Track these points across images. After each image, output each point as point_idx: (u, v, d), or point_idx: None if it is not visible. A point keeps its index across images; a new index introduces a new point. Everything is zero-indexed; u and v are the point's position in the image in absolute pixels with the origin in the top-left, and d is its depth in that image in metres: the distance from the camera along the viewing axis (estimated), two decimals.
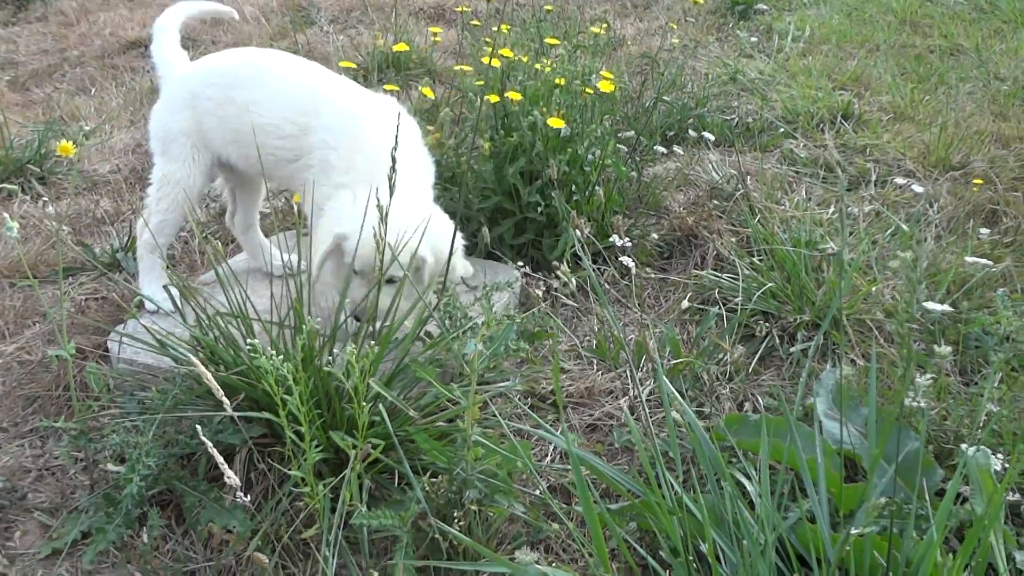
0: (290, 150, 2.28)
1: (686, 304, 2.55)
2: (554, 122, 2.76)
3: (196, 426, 1.37)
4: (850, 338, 2.39)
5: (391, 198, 1.86)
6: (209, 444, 1.32)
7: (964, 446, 1.63)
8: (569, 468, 1.96)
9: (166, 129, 2.38)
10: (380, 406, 1.68)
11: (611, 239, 2.47)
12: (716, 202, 3.18)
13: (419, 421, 1.79)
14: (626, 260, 2.45)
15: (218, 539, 1.76)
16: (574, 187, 2.86)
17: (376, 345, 1.75)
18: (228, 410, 1.37)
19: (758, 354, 2.40)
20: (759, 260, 2.72)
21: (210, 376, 1.34)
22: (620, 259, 2.49)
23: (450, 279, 2.21)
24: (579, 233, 2.14)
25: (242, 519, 1.73)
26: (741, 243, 2.90)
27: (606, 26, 4.48)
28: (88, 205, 3.32)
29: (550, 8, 4.31)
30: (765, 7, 6.18)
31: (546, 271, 2.74)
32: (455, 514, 1.64)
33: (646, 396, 2.23)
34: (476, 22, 4.41)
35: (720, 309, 2.56)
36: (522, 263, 2.67)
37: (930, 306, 2.20)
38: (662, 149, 3.58)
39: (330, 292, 2.24)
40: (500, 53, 3.06)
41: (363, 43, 5.05)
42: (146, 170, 2.44)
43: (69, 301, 2.59)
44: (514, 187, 2.79)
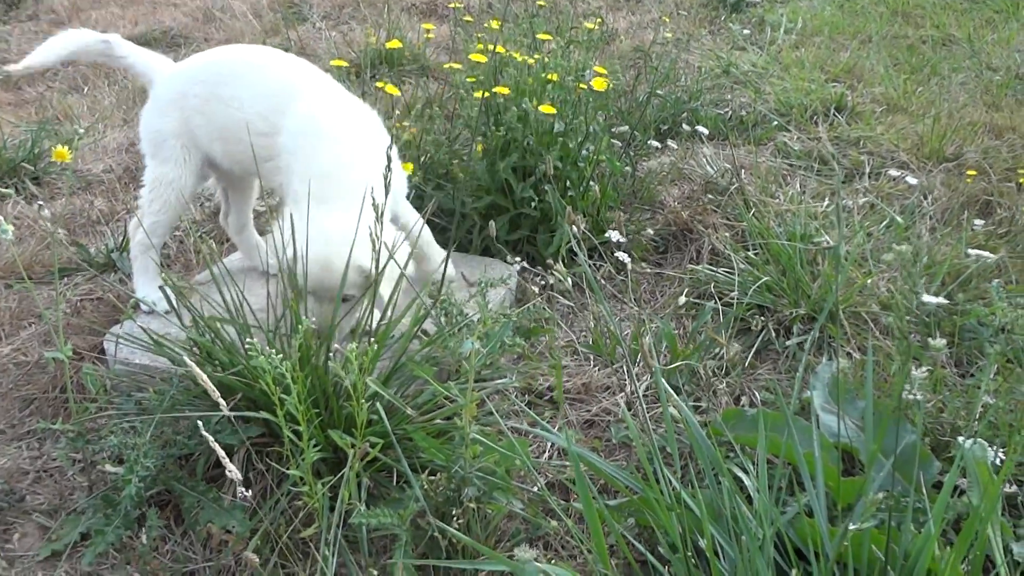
0: (264, 148, 2.20)
1: (683, 300, 2.56)
2: (545, 108, 2.74)
3: (198, 423, 1.36)
4: (846, 331, 2.40)
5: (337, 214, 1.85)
6: (211, 439, 1.32)
7: (961, 438, 1.64)
8: (567, 464, 1.96)
9: (156, 131, 2.36)
10: (378, 404, 1.68)
11: (607, 234, 2.48)
12: (711, 196, 3.18)
13: (417, 419, 1.79)
14: (622, 256, 2.45)
15: (217, 539, 1.76)
16: (568, 183, 2.86)
17: (373, 343, 1.75)
18: (225, 411, 1.37)
19: (754, 348, 2.40)
20: (754, 254, 2.72)
21: (205, 378, 1.33)
22: (616, 254, 2.49)
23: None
24: (575, 229, 2.14)
25: (241, 519, 1.73)
26: (736, 237, 2.90)
27: (599, 21, 4.47)
28: (83, 205, 3.31)
29: (543, 3, 4.29)
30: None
31: (541, 267, 2.74)
32: (454, 512, 1.64)
33: (643, 391, 2.24)
34: (469, 18, 4.40)
35: (716, 304, 2.57)
36: (519, 258, 2.67)
37: (926, 298, 2.20)
38: (656, 143, 3.58)
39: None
40: (491, 48, 3.05)
41: (356, 39, 5.03)
42: (140, 169, 2.42)
43: (64, 302, 2.59)
44: (507, 183, 2.79)
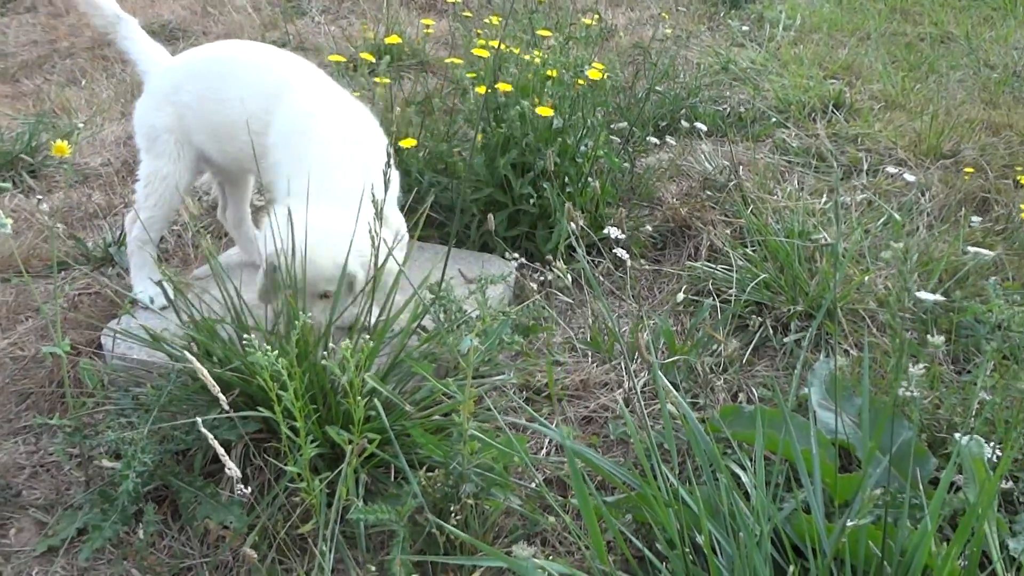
0: (257, 146, 2.18)
1: (681, 296, 2.56)
2: (543, 111, 2.75)
3: (197, 419, 1.36)
4: (843, 328, 2.40)
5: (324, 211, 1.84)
6: (210, 436, 1.31)
7: (957, 435, 1.64)
8: (565, 460, 1.97)
9: (150, 125, 2.34)
10: (376, 401, 1.68)
11: (605, 231, 2.47)
12: (709, 193, 3.18)
13: (415, 415, 1.79)
14: (620, 252, 2.45)
15: (214, 535, 1.76)
16: (567, 179, 2.86)
17: (371, 340, 1.75)
18: (225, 406, 1.37)
19: (752, 345, 2.41)
20: (752, 251, 2.72)
21: (206, 374, 1.33)
22: (614, 251, 2.49)
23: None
24: (573, 225, 2.14)
25: (238, 514, 1.73)
26: (734, 234, 2.90)
27: (597, 16, 4.47)
28: (80, 199, 3.30)
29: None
30: None
31: (540, 263, 2.74)
32: (452, 508, 1.64)
33: (641, 388, 2.24)
34: (468, 13, 4.39)
35: (714, 300, 2.57)
36: (517, 254, 2.67)
37: (922, 295, 2.21)
38: (655, 140, 3.58)
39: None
40: (491, 45, 3.05)
41: (354, 34, 5.02)
42: (137, 163, 2.41)
43: (62, 297, 2.58)
44: (506, 179, 2.78)
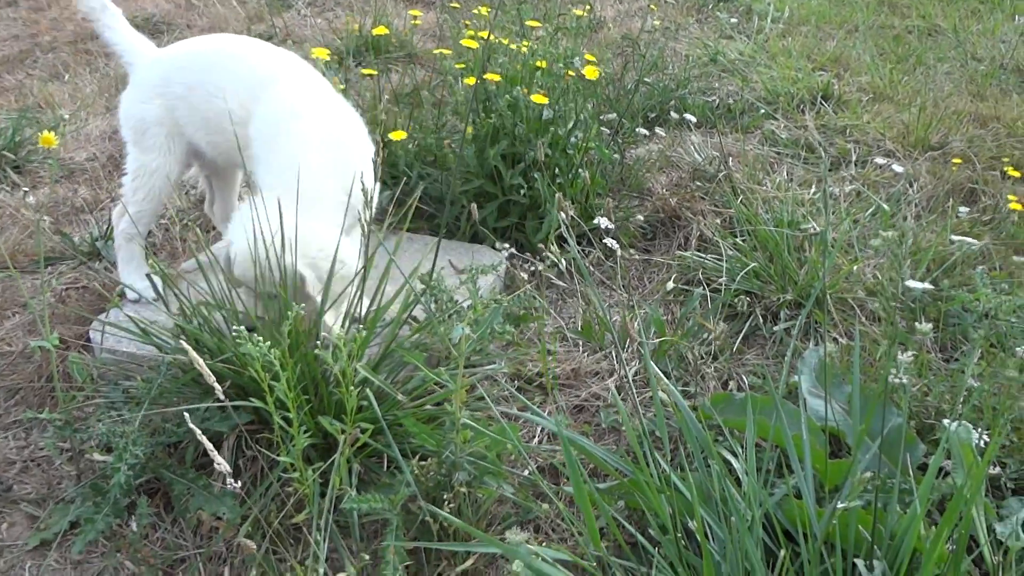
0: (242, 138, 2.17)
1: (671, 285, 2.57)
2: (537, 98, 2.74)
3: (184, 414, 1.36)
4: (832, 317, 2.41)
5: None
6: (198, 432, 1.31)
7: (946, 421, 1.66)
8: (557, 449, 1.97)
9: (139, 118, 2.31)
10: (368, 391, 1.68)
11: (595, 221, 2.48)
12: (699, 183, 3.19)
13: (407, 405, 1.79)
14: (610, 242, 2.46)
15: (207, 526, 1.76)
16: (557, 169, 2.86)
17: (363, 330, 1.74)
18: (220, 395, 1.36)
19: (742, 334, 2.42)
20: (742, 241, 2.73)
21: (202, 363, 1.33)
22: (604, 241, 2.50)
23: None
24: (564, 215, 2.14)
25: (231, 505, 1.73)
26: (724, 224, 2.91)
27: (587, 8, 4.47)
28: (66, 194, 3.28)
29: None
30: None
31: (530, 253, 2.74)
32: (445, 496, 1.64)
33: (632, 376, 2.25)
34: (455, 4, 4.38)
35: (704, 289, 2.58)
36: (508, 245, 2.67)
37: (911, 284, 2.22)
38: (644, 131, 3.58)
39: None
40: (480, 35, 3.05)
41: (341, 26, 5.00)
42: (123, 158, 2.40)
43: (49, 291, 2.57)
44: (496, 169, 2.78)
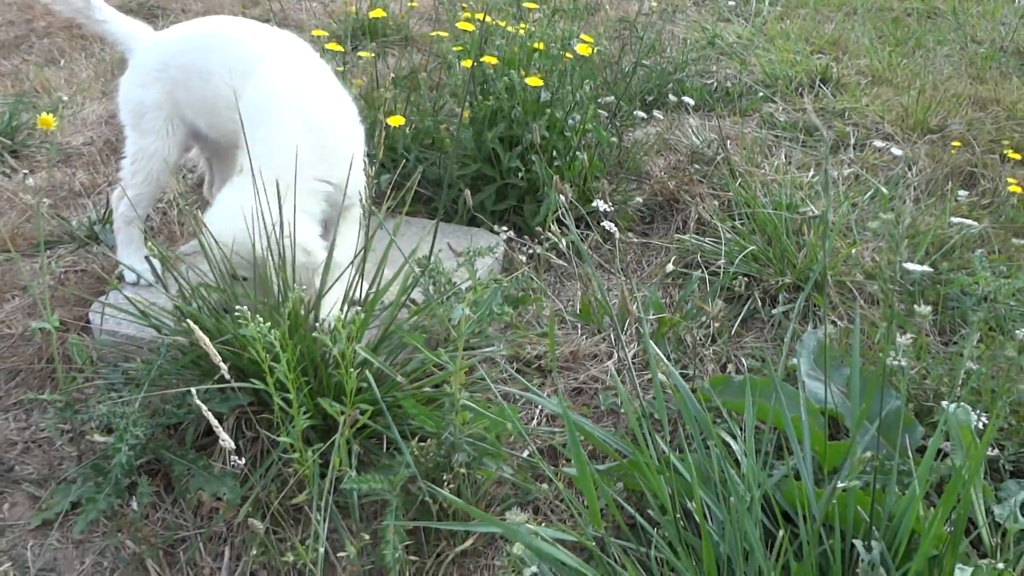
0: (235, 120, 2.12)
1: (670, 268, 2.57)
2: (532, 81, 2.73)
3: (191, 390, 1.36)
4: (831, 300, 2.42)
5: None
6: (204, 407, 1.31)
7: (944, 403, 1.66)
8: (556, 430, 1.98)
9: (137, 102, 2.31)
10: (367, 372, 1.68)
11: (594, 204, 2.48)
12: (697, 166, 3.18)
13: (406, 387, 1.79)
14: (608, 225, 2.45)
15: (208, 506, 1.77)
16: (555, 152, 2.85)
17: (361, 312, 1.75)
18: (225, 374, 1.37)
19: (740, 316, 2.42)
20: (741, 224, 2.73)
21: (208, 341, 1.33)
22: (602, 224, 2.50)
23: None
24: (562, 198, 2.14)
25: (232, 486, 1.74)
26: (723, 207, 2.91)
27: None
28: (63, 178, 3.27)
29: None
30: None
31: (528, 236, 2.74)
32: (444, 478, 1.65)
33: (631, 358, 2.25)
34: None
35: (703, 272, 2.58)
36: (506, 228, 2.67)
37: (910, 267, 2.23)
38: (642, 114, 3.57)
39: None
40: (476, 18, 3.03)
41: (337, 9, 4.97)
42: (121, 141, 2.39)
43: (49, 274, 2.56)
44: (494, 152, 2.78)
